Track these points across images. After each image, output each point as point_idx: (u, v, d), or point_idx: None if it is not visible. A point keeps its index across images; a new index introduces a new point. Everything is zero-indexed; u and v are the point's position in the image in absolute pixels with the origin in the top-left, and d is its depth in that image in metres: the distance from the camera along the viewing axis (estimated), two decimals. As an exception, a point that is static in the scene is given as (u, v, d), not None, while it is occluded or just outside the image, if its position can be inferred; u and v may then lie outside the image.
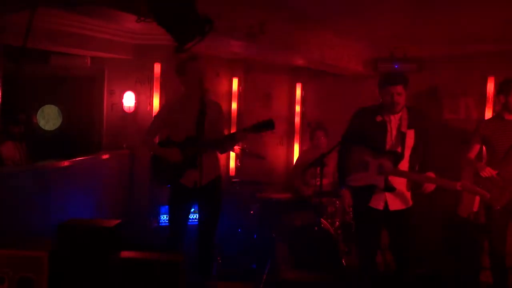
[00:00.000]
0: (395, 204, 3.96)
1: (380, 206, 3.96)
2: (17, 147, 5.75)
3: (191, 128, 4.17)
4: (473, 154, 4.72)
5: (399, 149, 3.91)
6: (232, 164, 6.83)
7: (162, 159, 4.34)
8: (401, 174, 3.89)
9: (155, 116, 4.76)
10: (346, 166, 4.12)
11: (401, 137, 3.91)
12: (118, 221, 3.48)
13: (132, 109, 6.13)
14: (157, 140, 4.69)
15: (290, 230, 5.13)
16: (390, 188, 3.90)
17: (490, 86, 6.05)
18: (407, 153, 3.92)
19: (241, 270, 5.37)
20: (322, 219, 5.10)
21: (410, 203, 4.01)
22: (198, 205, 4.54)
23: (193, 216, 5.33)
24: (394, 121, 3.97)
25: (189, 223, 4.62)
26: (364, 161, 3.98)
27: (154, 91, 6.08)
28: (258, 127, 4.09)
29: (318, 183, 4.67)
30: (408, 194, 4.00)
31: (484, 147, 4.76)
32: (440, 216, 5.86)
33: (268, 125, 4.06)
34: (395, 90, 3.88)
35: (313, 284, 3.24)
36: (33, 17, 3.57)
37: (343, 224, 5.36)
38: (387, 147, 3.95)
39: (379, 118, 3.99)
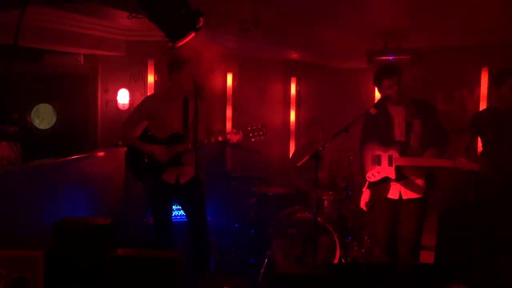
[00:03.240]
0: (408, 193, 4.09)
1: (395, 196, 4.12)
2: (12, 148, 5.70)
3: (178, 126, 4.18)
4: (467, 145, 4.74)
5: (403, 138, 4.06)
6: (228, 158, 6.82)
7: (142, 154, 4.28)
8: (405, 161, 4.02)
9: (136, 108, 4.60)
10: (364, 164, 4.28)
11: (407, 126, 4.06)
12: (114, 218, 3.48)
13: (126, 106, 6.11)
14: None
15: (287, 225, 5.13)
16: (401, 177, 4.05)
17: (485, 77, 6.06)
18: (415, 143, 4.05)
19: (239, 265, 5.37)
20: (318, 213, 5.10)
21: (424, 192, 4.12)
22: (182, 203, 4.53)
23: (178, 212, 5.30)
24: (399, 112, 4.10)
25: (177, 219, 4.62)
26: (377, 156, 4.13)
27: (148, 87, 6.06)
28: (250, 135, 4.13)
29: (314, 177, 4.66)
30: (421, 183, 4.10)
31: (479, 138, 4.77)
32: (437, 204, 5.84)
33: (259, 132, 4.15)
34: (392, 81, 4.02)
35: (310, 278, 3.25)
36: (23, 15, 3.54)
37: (339, 218, 5.35)
38: (394, 136, 4.10)
39: (383, 111, 4.10)
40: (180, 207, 4.94)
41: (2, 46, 4.52)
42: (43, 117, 6.52)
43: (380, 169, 4.13)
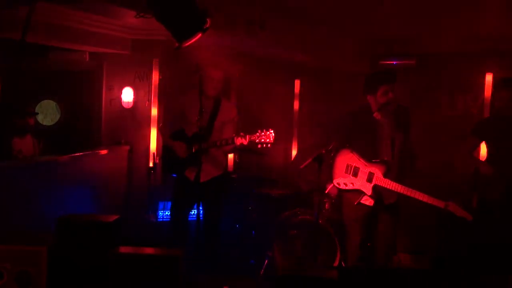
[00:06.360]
0: (388, 198, 3.97)
1: (369, 203, 3.99)
2: (35, 143, 5.64)
3: (198, 125, 4.26)
4: (472, 150, 4.73)
5: (390, 158, 3.92)
6: (230, 160, 6.83)
7: (170, 151, 4.52)
8: (390, 185, 3.87)
9: (171, 107, 4.99)
10: (334, 167, 4.09)
11: (392, 143, 3.93)
12: (117, 216, 3.49)
13: (130, 105, 6.12)
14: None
15: (288, 226, 5.14)
16: (377, 195, 3.92)
17: (488, 83, 6.07)
18: (396, 160, 3.93)
19: (239, 265, 5.38)
20: (320, 215, 5.11)
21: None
22: (202, 202, 4.60)
23: (193, 212, 5.36)
24: (385, 125, 3.97)
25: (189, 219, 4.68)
26: (354, 167, 3.97)
27: (152, 86, 6.08)
28: (256, 141, 4.18)
29: (316, 179, 4.67)
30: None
31: (482, 145, 4.79)
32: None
33: (266, 139, 4.18)
34: (391, 88, 3.90)
35: (311, 279, 3.26)
36: (32, 11, 3.57)
37: (340, 221, 5.36)
38: (379, 153, 3.95)
39: (372, 121, 3.98)
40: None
41: (9, 42, 4.55)
42: (47, 113, 6.53)
43: (355, 181, 3.96)
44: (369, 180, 3.91)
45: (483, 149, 5.01)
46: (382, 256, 4.09)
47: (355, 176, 3.97)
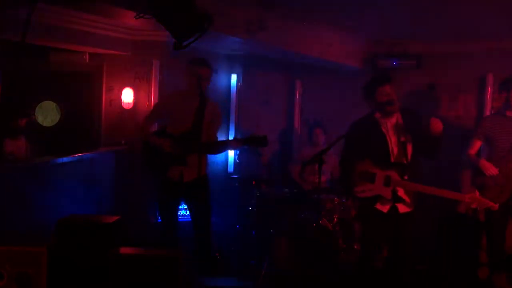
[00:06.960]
0: (403, 207, 3.94)
1: (385, 210, 3.95)
2: (28, 145, 5.60)
3: (189, 125, 4.25)
4: (474, 150, 4.73)
5: (404, 160, 3.89)
6: (230, 160, 6.83)
7: (153, 148, 4.39)
8: (408, 185, 3.87)
9: (156, 103, 4.90)
10: (351, 178, 4.05)
11: (403, 147, 3.90)
12: (117, 217, 3.49)
13: (130, 105, 6.12)
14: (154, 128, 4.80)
15: (289, 227, 5.15)
16: (397, 199, 3.89)
17: (489, 83, 6.07)
18: (409, 161, 3.91)
19: (240, 266, 5.38)
20: (320, 216, 5.12)
21: (413, 205, 3.99)
22: (187, 203, 4.59)
23: (184, 212, 5.36)
24: (390, 126, 3.96)
25: (181, 219, 4.67)
26: (370, 173, 3.94)
27: (152, 87, 6.08)
28: (251, 142, 4.18)
29: (317, 180, 4.68)
30: (409, 199, 3.97)
31: (483, 144, 4.79)
32: (436, 212, 5.85)
33: (260, 142, 4.18)
34: (387, 89, 3.89)
35: (311, 280, 3.26)
36: (32, 12, 3.56)
37: (341, 221, 5.36)
38: (391, 156, 3.93)
39: (375, 123, 3.97)
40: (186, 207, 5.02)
41: (9, 43, 4.56)
42: (47, 114, 6.52)
43: (373, 187, 3.92)
44: (387, 184, 3.87)
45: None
46: (403, 263, 4.02)
47: (372, 182, 3.92)
